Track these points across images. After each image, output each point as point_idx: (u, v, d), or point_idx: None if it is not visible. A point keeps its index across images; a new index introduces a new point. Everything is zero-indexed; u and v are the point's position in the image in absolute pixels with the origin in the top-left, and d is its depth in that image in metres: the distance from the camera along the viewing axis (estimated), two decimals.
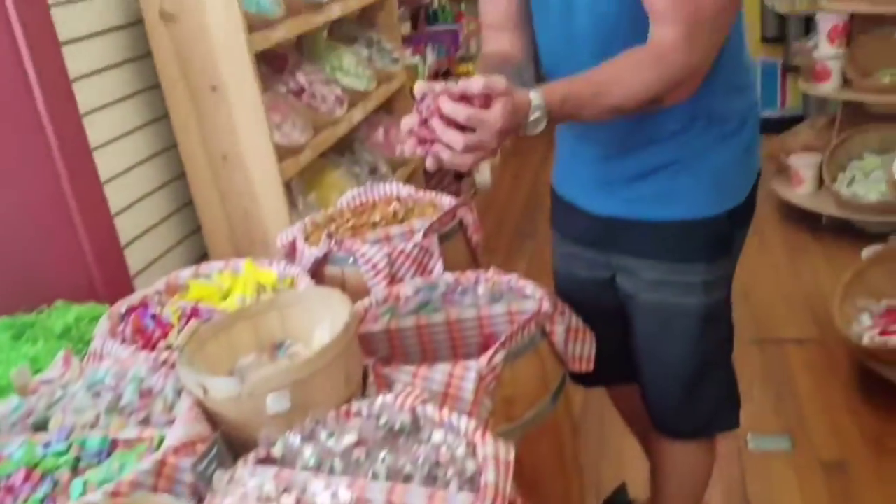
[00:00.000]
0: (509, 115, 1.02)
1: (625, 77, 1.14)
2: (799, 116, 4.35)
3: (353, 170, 2.64)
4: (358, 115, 2.52)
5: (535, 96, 1.07)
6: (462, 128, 1.02)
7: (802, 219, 3.42)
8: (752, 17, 4.41)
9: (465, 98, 1.02)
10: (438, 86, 1.05)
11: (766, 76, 4.56)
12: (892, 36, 2.76)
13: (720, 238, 1.35)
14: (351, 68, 2.60)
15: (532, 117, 1.07)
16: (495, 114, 1.01)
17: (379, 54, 2.89)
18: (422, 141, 1.06)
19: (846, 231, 3.27)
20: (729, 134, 1.31)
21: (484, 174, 4.30)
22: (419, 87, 1.06)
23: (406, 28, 4.23)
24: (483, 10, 1.44)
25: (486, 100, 1.02)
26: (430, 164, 1.07)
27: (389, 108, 2.98)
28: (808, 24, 4.01)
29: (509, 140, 1.22)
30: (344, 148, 2.67)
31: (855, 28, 3.15)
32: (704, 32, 1.13)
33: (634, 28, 1.17)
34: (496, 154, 1.07)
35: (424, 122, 1.05)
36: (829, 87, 3.21)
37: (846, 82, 3.16)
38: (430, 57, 3.79)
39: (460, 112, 1.01)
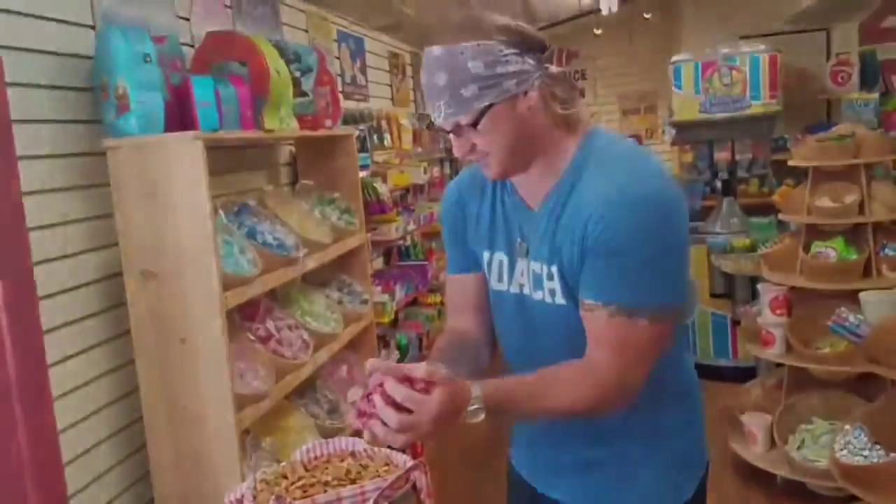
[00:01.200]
0: (446, 403, 1.07)
1: (559, 388, 1.20)
2: (751, 367, 4.47)
3: (313, 410, 2.64)
4: (323, 357, 2.58)
5: (475, 388, 1.13)
6: (400, 407, 1.06)
7: (758, 477, 3.41)
8: (701, 274, 4.69)
9: (408, 380, 1.08)
10: (388, 364, 1.11)
11: (716, 327, 4.74)
12: (827, 318, 2.90)
13: None
14: (320, 311, 2.70)
15: (471, 408, 1.12)
16: (433, 400, 1.06)
17: (349, 296, 3.01)
18: (361, 413, 1.10)
19: (800, 493, 3.25)
20: (673, 434, 1.37)
21: None
22: (371, 363, 1.12)
23: (379, 263, 4.45)
24: (449, 291, 1.54)
25: (429, 385, 1.08)
26: (366, 437, 1.11)
27: (355, 346, 3.05)
28: (754, 284, 4.22)
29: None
30: (305, 387, 2.70)
31: (795, 299, 3.33)
32: (637, 358, 1.21)
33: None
34: (432, 439, 1.12)
35: (367, 396, 1.09)
36: (774, 352, 3.32)
37: (790, 348, 3.28)
38: (399, 294, 3.95)
39: (399, 391, 1.06)
